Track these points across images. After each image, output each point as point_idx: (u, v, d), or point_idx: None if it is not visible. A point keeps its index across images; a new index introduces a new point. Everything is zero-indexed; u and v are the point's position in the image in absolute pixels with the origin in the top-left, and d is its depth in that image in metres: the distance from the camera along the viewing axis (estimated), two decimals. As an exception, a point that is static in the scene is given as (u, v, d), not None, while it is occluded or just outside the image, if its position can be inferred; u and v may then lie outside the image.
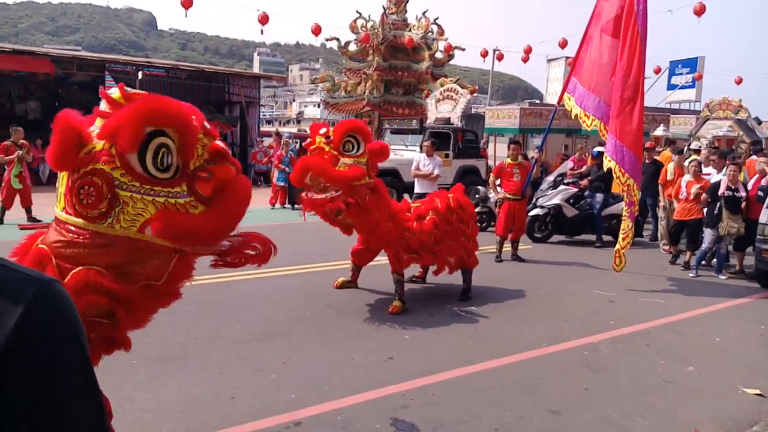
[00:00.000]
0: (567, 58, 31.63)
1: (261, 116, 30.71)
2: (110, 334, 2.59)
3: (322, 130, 5.90)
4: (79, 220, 2.41)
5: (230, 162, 2.56)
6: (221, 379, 4.62)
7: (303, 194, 6.00)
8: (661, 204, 11.12)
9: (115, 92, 2.53)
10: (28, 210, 11.18)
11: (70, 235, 2.43)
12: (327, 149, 5.71)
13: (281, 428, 3.88)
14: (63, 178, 2.46)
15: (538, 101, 39.18)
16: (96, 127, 2.47)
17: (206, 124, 2.53)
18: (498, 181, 9.96)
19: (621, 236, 8.31)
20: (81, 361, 0.87)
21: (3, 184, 11.05)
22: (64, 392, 0.83)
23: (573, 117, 8.86)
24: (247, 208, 2.58)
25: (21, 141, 11.16)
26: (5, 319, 0.77)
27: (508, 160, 9.80)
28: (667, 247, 10.70)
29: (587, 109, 8.45)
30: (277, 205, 15.58)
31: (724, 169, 9.65)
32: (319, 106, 58.58)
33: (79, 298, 2.35)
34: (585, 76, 8.64)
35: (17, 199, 11.12)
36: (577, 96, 8.65)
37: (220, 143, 2.56)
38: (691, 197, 9.32)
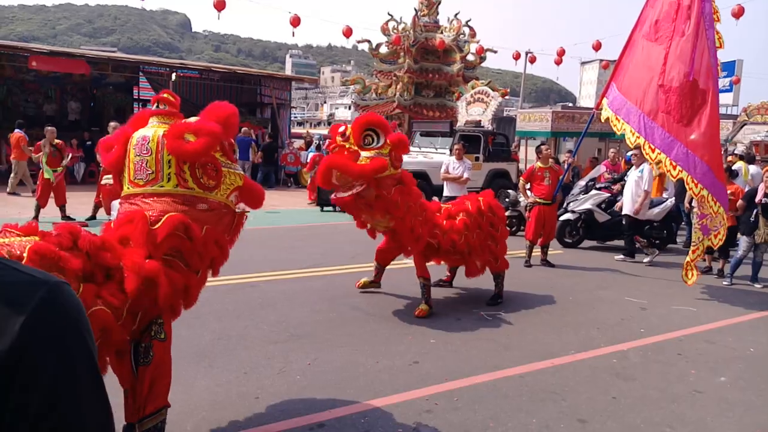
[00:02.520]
0: (601, 60, 31.33)
1: (292, 118, 30.91)
2: (187, 281, 3.32)
3: (341, 129, 5.90)
4: (200, 191, 3.36)
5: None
6: (246, 379, 4.64)
7: (332, 195, 6.00)
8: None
9: (168, 96, 3.66)
10: (62, 208, 11.37)
11: (188, 206, 3.31)
12: (347, 146, 5.69)
13: (304, 429, 3.88)
14: (170, 161, 3.29)
15: (570, 104, 38.84)
16: (156, 123, 3.45)
17: None
18: (528, 185, 9.87)
19: (692, 248, 8.09)
20: (89, 363, 0.86)
21: (38, 183, 11.25)
22: (72, 393, 0.82)
23: (603, 120, 8.71)
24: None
25: (56, 141, 11.35)
26: (12, 320, 0.77)
27: (539, 164, 9.71)
28: (705, 256, 10.47)
29: (618, 112, 8.32)
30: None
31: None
32: (350, 108, 58.81)
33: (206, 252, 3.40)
34: (623, 81, 8.50)
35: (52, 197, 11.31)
36: (611, 100, 8.53)
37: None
38: None
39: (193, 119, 3.49)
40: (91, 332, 0.88)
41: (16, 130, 14.65)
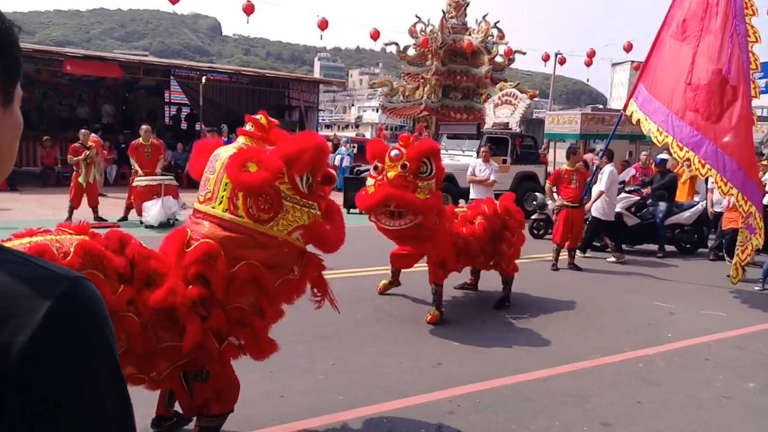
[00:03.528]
0: (632, 62, 30.90)
1: (320, 120, 31.06)
2: (258, 328, 3.26)
3: (393, 153, 5.51)
4: (248, 221, 3.16)
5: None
6: (272, 377, 4.70)
7: (371, 218, 5.78)
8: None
9: (260, 118, 3.49)
10: (95, 209, 11.61)
11: (234, 233, 3.16)
12: (407, 176, 5.43)
13: (327, 428, 3.93)
14: (227, 184, 3.19)
15: (601, 106, 38.45)
16: (242, 143, 3.38)
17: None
18: (555, 188, 9.81)
19: (739, 248, 8.00)
20: (108, 356, 0.87)
21: (71, 185, 11.48)
22: (91, 384, 0.83)
23: (635, 122, 8.65)
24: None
25: (89, 143, 11.58)
26: (33, 314, 0.78)
27: (566, 167, 9.66)
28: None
29: (648, 113, 8.25)
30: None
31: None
32: (377, 111, 58.93)
33: (240, 290, 3.18)
34: (651, 81, 8.44)
35: (84, 198, 11.53)
36: (641, 102, 8.46)
37: (331, 170, 3.53)
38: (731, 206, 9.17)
39: (268, 147, 3.37)
40: (111, 327, 0.90)
41: (92, 135, 15.05)
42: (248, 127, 3.50)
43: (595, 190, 10.03)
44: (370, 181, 5.71)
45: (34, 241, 2.77)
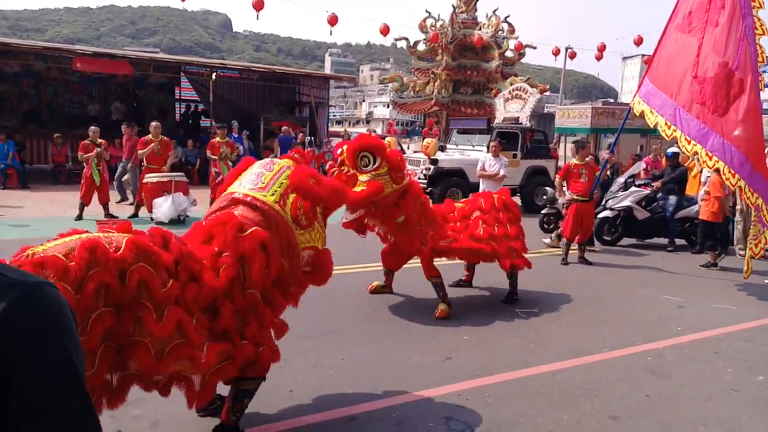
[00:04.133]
0: (643, 55, 30.80)
1: (331, 116, 31.08)
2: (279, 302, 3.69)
3: (338, 152, 5.98)
4: (289, 218, 3.64)
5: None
6: (281, 372, 4.72)
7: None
8: (738, 207, 10.67)
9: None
10: (106, 206, 11.68)
11: (272, 221, 3.57)
12: (345, 170, 5.76)
13: (336, 423, 3.96)
14: (282, 184, 3.71)
15: (612, 100, 38.22)
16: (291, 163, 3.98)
17: None
18: (565, 183, 9.80)
19: (753, 242, 7.96)
20: (65, 363, 0.86)
21: (82, 181, 11.55)
22: (44, 391, 0.83)
23: (638, 114, 8.58)
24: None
25: (99, 140, 11.63)
26: None
27: (575, 161, 9.63)
28: (743, 252, 10.28)
29: (653, 105, 8.22)
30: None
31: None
32: (388, 107, 58.92)
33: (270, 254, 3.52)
34: (657, 74, 8.41)
35: (95, 195, 11.61)
36: (645, 94, 8.42)
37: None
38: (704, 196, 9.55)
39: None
40: (74, 332, 0.90)
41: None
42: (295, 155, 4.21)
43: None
44: None
45: (85, 236, 2.86)
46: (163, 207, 10.93)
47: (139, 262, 2.87)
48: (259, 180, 3.73)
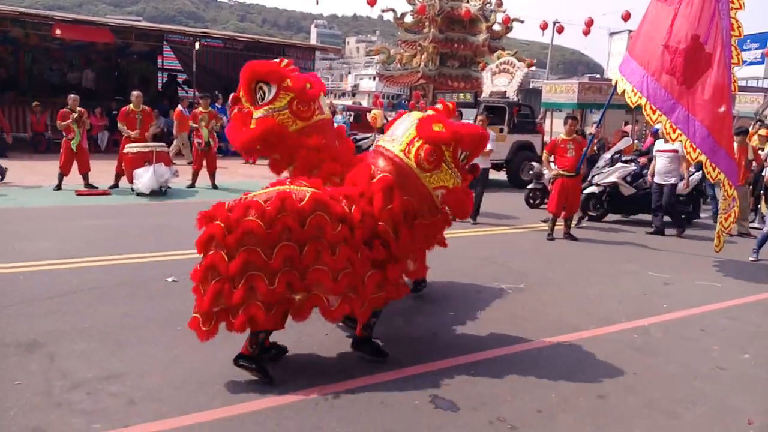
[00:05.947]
0: (630, 31, 30.50)
1: (316, 88, 30.69)
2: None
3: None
4: (413, 164, 4.24)
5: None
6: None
7: None
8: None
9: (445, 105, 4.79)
10: (85, 176, 11.42)
11: (399, 169, 4.25)
12: (241, 110, 4.61)
13: (320, 401, 3.87)
14: (410, 134, 4.34)
15: (598, 76, 38.07)
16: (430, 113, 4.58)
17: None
18: (552, 158, 9.72)
19: (722, 216, 7.90)
20: None
21: (61, 151, 11.28)
22: None
23: (620, 93, 8.33)
24: None
25: (78, 108, 11.31)
26: None
27: (562, 136, 9.53)
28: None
29: (625, 74, 8.10)
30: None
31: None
32: (374, 79, 58.44)
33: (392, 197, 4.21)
34: (637, 50, 8.25)
35: (75, 165, 11.35)
36: (626, 71, 8.25)
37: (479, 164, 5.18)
38: None
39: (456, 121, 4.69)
40: None
41: (179, 107, 16.53)
42: (439, 106, 4.70)
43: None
44: None
45: (281, 188, 3.93)
46: (144, 178, 10.66)
47: (317, 211, 3.84)
48: (394, 134, 4.43)
